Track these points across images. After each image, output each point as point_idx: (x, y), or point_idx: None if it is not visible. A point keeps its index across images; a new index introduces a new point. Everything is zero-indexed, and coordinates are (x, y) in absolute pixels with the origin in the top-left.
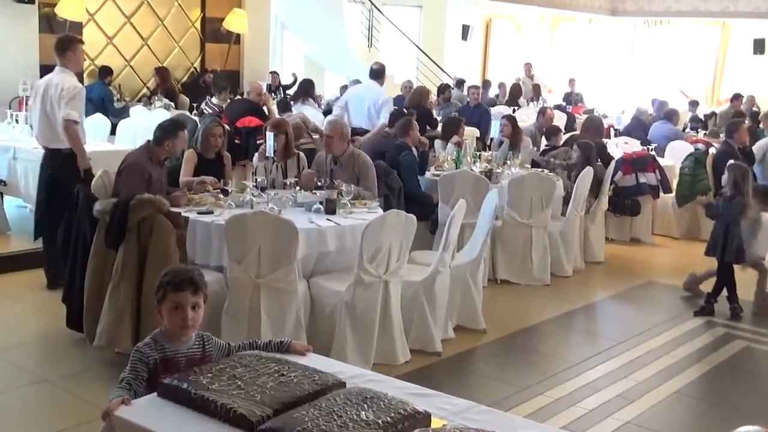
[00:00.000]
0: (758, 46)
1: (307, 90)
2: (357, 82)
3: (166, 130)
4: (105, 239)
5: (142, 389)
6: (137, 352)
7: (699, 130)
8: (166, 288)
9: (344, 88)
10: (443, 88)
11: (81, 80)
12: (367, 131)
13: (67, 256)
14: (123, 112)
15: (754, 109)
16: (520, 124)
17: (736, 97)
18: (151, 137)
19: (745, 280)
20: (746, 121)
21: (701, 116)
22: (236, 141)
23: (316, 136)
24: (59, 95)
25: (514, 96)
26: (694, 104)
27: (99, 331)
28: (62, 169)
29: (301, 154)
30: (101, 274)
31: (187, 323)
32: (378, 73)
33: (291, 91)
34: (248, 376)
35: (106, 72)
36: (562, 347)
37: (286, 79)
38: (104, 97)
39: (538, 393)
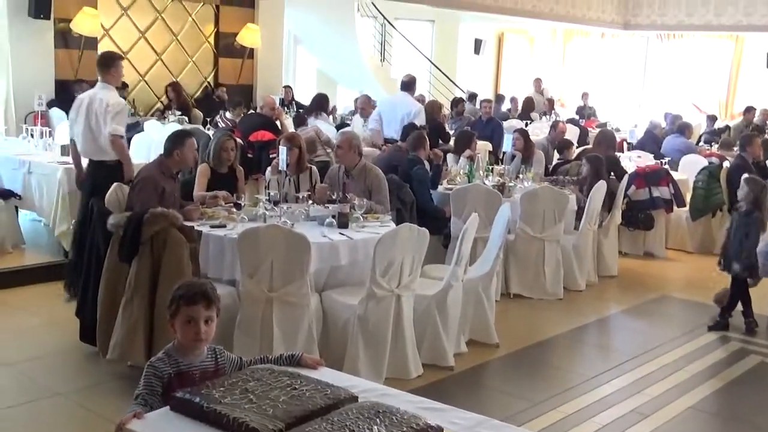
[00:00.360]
0: None
1: (321, 104)
2: (366, 95)
3: (174, 141)
4: (118, 253)
5: (158, 404)
6: (151, 367)
7: (713, 143)
8: (179, 302)
9: (356, 101)
10: (456, 102)
11: None
12: (395, 140)
13: (81, 270)
14: (135, 127)
15: None
16: (532, 138)
17: (748, 110)
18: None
19: (761, 294)
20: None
21: (716, 129)
22: (249, 155)
23: (329, 150)
24: (105, 110)
25: (526, 110)
26: (712, 119)
27: (112, 344)
28: (106, 180)
29: (314, 168)
30: (114, 287)
31: (200, 337)
32: (408, 85)
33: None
34: (260, 389)
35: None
36: (576, 362)
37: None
38: None
39: (551, 408)
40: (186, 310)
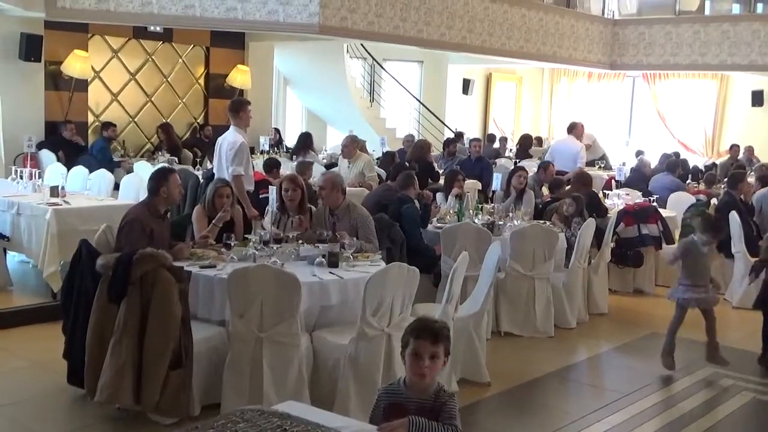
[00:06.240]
0: (756, 98)
1: (306, 142)
2: (352, 136)
3: (157, 179)
4: (107, 294)
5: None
6: (380, 393)
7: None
8: (410, 335)
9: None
10: (448, 143)
11: (85, 137)
12: (566, 172)
13: (69, 312)
14: (110, 163)
15: (753, 159)
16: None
17: (732, 148)
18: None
19: (749, 330)
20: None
21: (701, 167)
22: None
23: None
24: (226, 150)
25: (524, 147)
26: (675, 155)
27: (100, 386)
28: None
29: (313, 207)
30: (103, 329)
31: (422, 371)
32: (570, 129)
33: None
34: (251, 431)
35: (103, 127)
36: (567, 400)
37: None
38: (101, 153)
39: None
40: (413, 343)
